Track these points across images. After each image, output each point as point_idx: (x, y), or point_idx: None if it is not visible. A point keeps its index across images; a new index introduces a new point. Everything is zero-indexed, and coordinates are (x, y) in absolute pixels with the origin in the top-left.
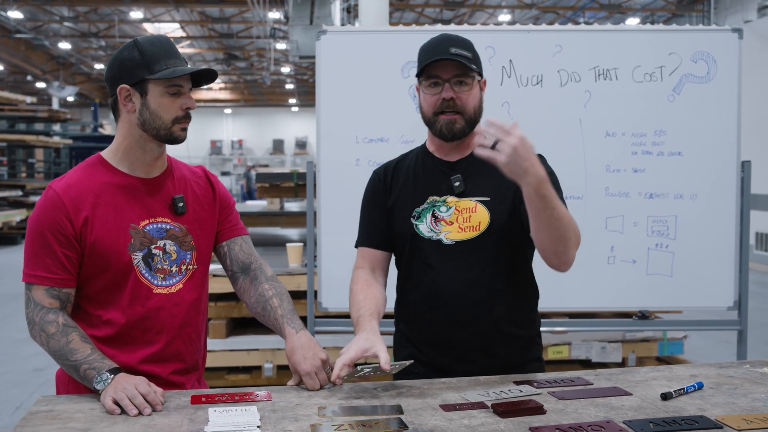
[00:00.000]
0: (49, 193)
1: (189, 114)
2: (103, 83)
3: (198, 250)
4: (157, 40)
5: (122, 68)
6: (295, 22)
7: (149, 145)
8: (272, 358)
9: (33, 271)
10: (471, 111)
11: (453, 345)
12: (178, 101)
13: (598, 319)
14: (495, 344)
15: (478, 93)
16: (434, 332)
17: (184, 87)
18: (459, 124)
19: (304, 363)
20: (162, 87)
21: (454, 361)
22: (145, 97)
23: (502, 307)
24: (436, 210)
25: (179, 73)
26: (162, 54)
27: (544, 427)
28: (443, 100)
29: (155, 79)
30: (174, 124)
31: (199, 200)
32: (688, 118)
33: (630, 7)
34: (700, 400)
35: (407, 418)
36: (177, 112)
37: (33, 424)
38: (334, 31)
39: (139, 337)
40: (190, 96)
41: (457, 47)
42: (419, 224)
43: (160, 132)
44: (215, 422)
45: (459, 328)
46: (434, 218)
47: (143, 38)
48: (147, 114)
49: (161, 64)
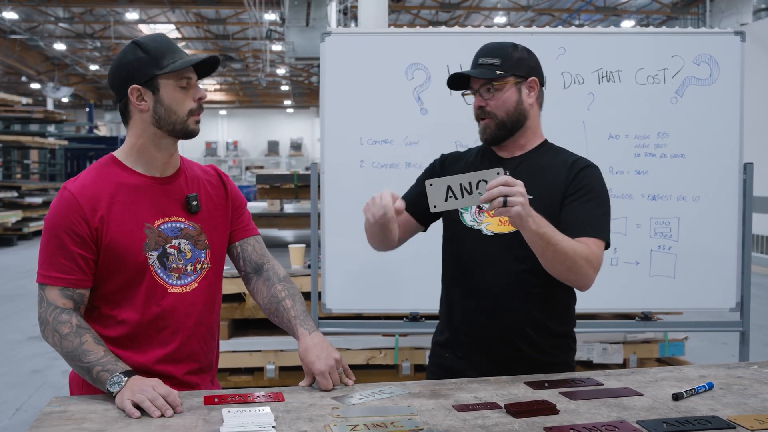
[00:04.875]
0: (65, 193)
1: (201, 105)
2: (98, 84)
3: (212, 249)
4: (157, 37)
5: (129, 70)
6: (291, 24)
7: (164, 142)
8: (275, 359)
9: (48, 272)
10: (503, 114)
11: (481, 334)
12: (189, 93)
13: (599, 320)
14: (522, 339)
15: (515, 94)
16: (466, 319)
17: (192, 79)
18: (490, 128)
19: (318, 363)
20: (173, 81)
21: (479, 350)
22: (158, 94)
23: (531, 302)
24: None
25: (189, 64)
26: (165, 49)
27: (558, 428)
28: (477, 107)
29: (166, 75)
30: (189, 116)
31: (212, 199)
32: (691, 120)
33: (625, 9)
34: (711, 400)
35: (421, 419)
36: (190, 104)
37: (47, 424)
38: (338, 33)
39: (154, 336)
40: (199, 86)
41: (486, 56)
42: (464, 212)
43: (176, 126)
44: (230, 423)
45: (488, 318)
46: (479, 209)
47: (143, 38)
48: (161, 110)
49: (167, 59)
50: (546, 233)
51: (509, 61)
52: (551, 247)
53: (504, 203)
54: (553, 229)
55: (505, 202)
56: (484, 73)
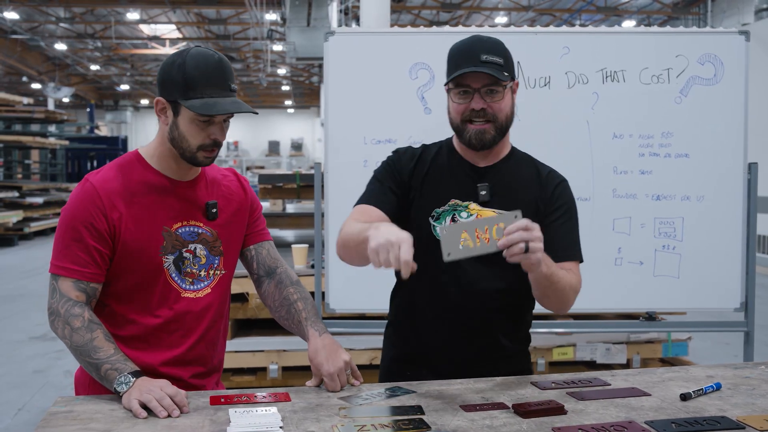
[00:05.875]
0: (86, 185)
1: (218, 142)
2: (99, 84)
3: (226, 255)
4: (204, 62)
5: (164, 81)
6: (292, 24)
7: (179, 157)
8: (277, 359)
9: (62, 263)
10: (503, 119)
11: (451, 354)
12: (207, 129)
13: (603, 320)
14: (493, 358)
15: (510, 98)
16: (433, 338)
17: (216, 117)
18: (489, 134)
19: (326, 364)
20: (193, 114)
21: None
22: (177, 117)
23: (502, 321)
24: (457, 215)
25: (208, 112)
26: (203, 80)
27: (566, 428)
28: (472, 110)
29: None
30: (199, 150)
31: (230, 205)
32: (695, 120)
33: (626, 9)
34: (720, 400)
35: (429, 419)
36: (204, 140)
37: (53, 425)
38: (341, 33)
39: (164, 339)
40: (222, 127)
41: (489, 53)
42: (437, 225)
43: (185, 154)
44: (237, 423)
45: (458, 338)
46: (452, 219)
47: (194, 54)
48: (176, 133)
49: (198, 92)
50: (553, 274)
51: (508, 62)
52: (553, 285)
53: (525, 249)
54: (556, 268)
55: (527, 248)
56: (497, 73)
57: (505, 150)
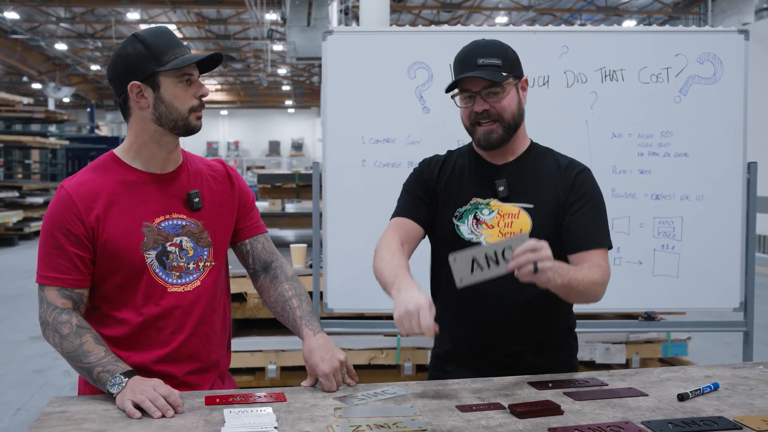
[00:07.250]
0: (60, 192)
1: (203, 102)
2: (99, 84)
3: (215, 246)
4: (158, 31)
5: (129, 64)
6: (293, 24)
7: (165, 140)
8: (276, 359)
9: (45, 272)
10: (509, 116)
11: (483, 349)
12: (191, 90)
13: (602, 320)
14: (526, 352)
15: (516, 96)
16: (465, 334)
17: (194, 75)
18: (496, 133)
19: (322, 364)
20: (174, 78)
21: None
22: (158, 91)
23: (534, 315)
24: (479, 212)
25: (190, 61)
26: (167, 44)
27: (562, 428)
28: (477, 112)
29: (167, 72)
30: (190, 113)
31: (216, 195)
32: (695, 119)
33: (627, 9)
34: (717, 401)
35: (424, 419)
36: (192, 101)
37: (48, 425)
38: (340, 32)
39: (154, 336)
40: (201, 83)
41: (486, 56)
42: (460, 225)
43: (178, 123)
44: (231, 423)
45: (490, 332)
46: (476, 220)
47: (144, 31)
48: (162, 107)
49: (169, 55)
50: (570, 280)
51: (508, 61)
52: (573, 291)
53: (535, 269)
54: (573, 272)
55: (536, 269)
56: (492, 75)
57: (522, 146)
